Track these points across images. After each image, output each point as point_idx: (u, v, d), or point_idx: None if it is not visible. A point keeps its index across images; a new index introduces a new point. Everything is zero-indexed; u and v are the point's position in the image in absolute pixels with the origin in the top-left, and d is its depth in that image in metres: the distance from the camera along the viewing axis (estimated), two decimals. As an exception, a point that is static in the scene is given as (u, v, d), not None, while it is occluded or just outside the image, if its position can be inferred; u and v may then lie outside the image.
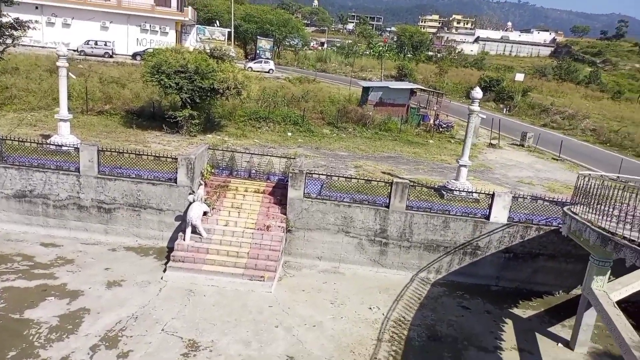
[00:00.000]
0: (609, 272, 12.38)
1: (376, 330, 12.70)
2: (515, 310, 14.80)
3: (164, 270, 14.29)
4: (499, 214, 15.88)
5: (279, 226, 15.84)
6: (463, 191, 17.37)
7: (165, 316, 12.12)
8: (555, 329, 13.94)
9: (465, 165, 18.35)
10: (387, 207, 16.04)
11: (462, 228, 16.07)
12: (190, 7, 55.24)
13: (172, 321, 11.98)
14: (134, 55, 44.69)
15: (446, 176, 21.17)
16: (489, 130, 32.97)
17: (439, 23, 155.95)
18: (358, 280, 15.50)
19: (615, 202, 11.07)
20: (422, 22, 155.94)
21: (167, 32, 50.21)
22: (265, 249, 15.07)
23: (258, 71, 46.68)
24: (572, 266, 15.74)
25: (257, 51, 58.82)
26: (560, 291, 16.22)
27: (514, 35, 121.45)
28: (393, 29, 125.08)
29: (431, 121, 32.80)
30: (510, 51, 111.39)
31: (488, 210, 16.01)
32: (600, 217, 10.75)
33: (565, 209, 12.85)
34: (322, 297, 14.10)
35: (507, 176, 23.51)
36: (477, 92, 17.88)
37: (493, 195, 15.87)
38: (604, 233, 9.70)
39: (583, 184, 12.32)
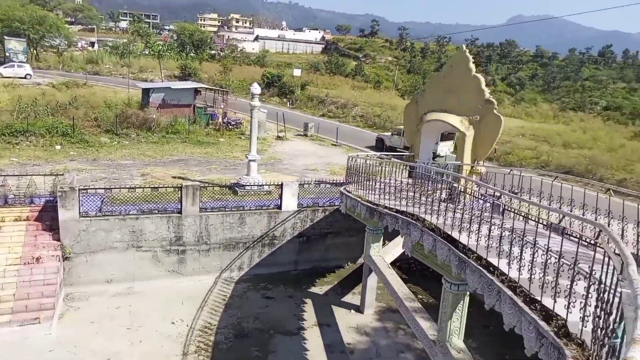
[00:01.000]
0: (381, 239, 14.21)
1: (181, 344, 12.04)
2: (314, 289, 15.87)
3: None
4: (289, 202, 16.72)
5: (53, 255, 13.63)
6: (254, 185, 17.74)
7: None
8: (348, 298, 15.45)
9: (254, 160, 18.77)
10: (180, 212, 15.32)
11: (257, 221, 16.42)
12: None
13: None
14: None
15: (239, 172, 21.35)
16: (276, 124, 34.60)
17: (219, 22, 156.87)
18: (157, 295, 14.45)
19: (378, 177, 12.69)
20: (201, 20, 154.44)
21: None
22: (37, 285, 12.78)
23: (10, 77, 39.51)
24: (355, 239, 17.60)
25: (7, 54, 49.69)
26: (349, 262, 18.04)
27: (289, 34, 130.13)
28: (171, 27, 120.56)
29: (220, 119, 32.73)
30: (288, 49, 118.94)
31: (279, 200, 16.71)
32: (368, 192, 12.18)
33: (341, 189, 14.22)
34: (117, 324, 12.70)
35: (295, 165, 25.00)
36: (255, 88, 18.36)
37: (282, 185, 16.61)
38: (370, 205, 11.01)
39: (352, 165, 13.80)
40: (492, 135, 17.00)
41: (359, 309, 14.67)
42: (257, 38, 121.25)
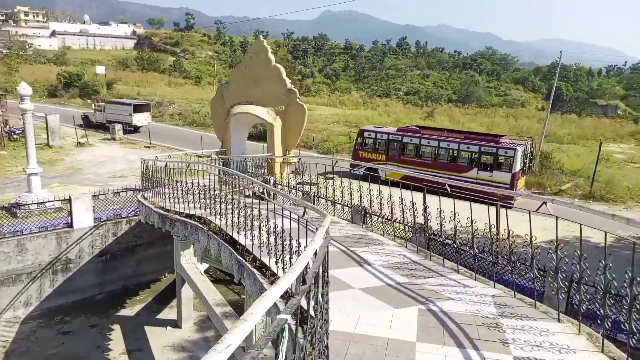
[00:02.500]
0: (192, 245, 13.12)
1: None
2: (123, 312, 14.06)
3: None
4: (83, 217, 14.46)
5: None
6: (35, 203, 14.91)
7: None
8: (164, 314, 14.05)
9: (35, 173, 15.86)
10: None
11: (43, 245, 13.82)
12: None
13: None
14: None
15: (24, 190, 17.93)
16: (77, 128, 30.45)
17: (2, 15, 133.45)
18: None
19: (174, 180, 11.52)
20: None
21: None
22: None
23: None
24: (171, 247, 16.05)
25: None
26: (166, 274, 16.53)
27: (94, 29, 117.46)
28: None
29: (0, 129, 27.38)
30: (94, 44, 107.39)
31: (70, 217, 14.34)
32: (164, 197, 10.95)
33: (139, 196, 12.70)
34: None
35: (98, 174, 22.16)
36: (24, 89, 15.37)
37: (70, 199, 14.26)
38: (161, 212, 9.86)
39: (146, 168, 12.38)
40: (298, 124, 17.16)
41: (177, 324, 13.43)
42: (54, 33, 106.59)
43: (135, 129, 33.30)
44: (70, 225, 14.26)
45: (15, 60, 52.76)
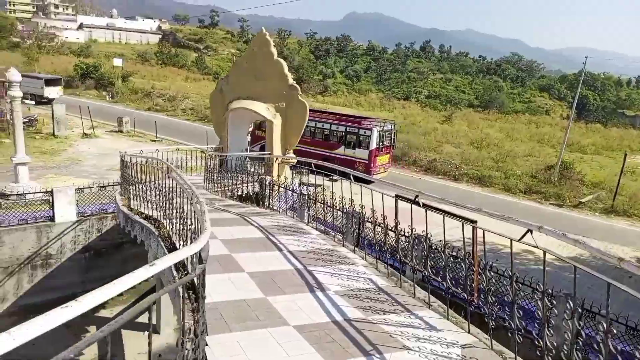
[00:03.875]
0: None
1: None
2: (103, 312, 13.26)
3: None
4: (65, 211, 13.82)
5: None
6: (14, 194, 14.37)
7: None
8: (144, 317, 13.25)
9: (23, 163, 15.38)
10: None
11: (22, 239, 13.24)
12: None
13: None
14: None
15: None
16: (83, 119, 30.17)
17: (34, 7, 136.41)
18: None
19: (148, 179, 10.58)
20: (10, 5, 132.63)
21: None
22: None
23: None
24: (157, 246, 15.48)
25: None
26: (153, 274, 15.81)
27: (120, 23, 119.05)
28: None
29: (7, 116, 27.25)
30: (120, 38, 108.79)
31: (51, 211, 13.71)
32: (138, 196, 10.07)
33: (117, 192, 11.96)
34: None
35: (97, 166, 21.67)
36: (13, 75, 15.00)
37: (52, 192, 13.64)
38: (125, 211, 9.06)
39: (125, 164, 11.59)
40: (299, 122, 16.27)
41: (156, 329, 12.65)
42: (81, 26, 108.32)
43: (49, 101, 35.33)
44: (52, 219, 13.64)
45: (36, 50, 53.29)
